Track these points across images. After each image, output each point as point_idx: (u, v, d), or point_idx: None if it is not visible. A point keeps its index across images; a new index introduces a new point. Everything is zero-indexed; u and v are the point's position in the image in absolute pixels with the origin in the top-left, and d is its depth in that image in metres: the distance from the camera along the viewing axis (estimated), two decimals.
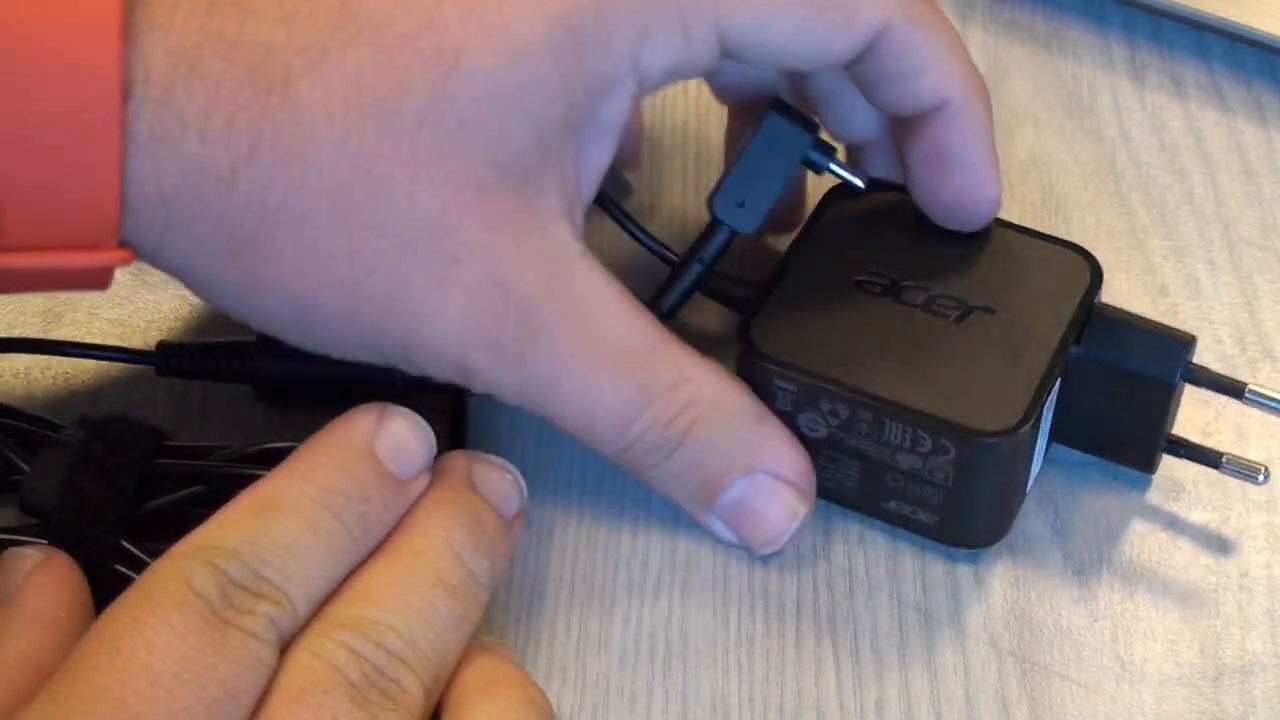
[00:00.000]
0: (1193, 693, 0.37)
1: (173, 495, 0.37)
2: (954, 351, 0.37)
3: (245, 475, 0.36)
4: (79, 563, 0.34)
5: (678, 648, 0.38)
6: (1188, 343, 0.37)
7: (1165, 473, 0.40)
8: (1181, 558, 0.39)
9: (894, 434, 0.36)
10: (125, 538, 0.36)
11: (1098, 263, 0.38)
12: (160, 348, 0.40)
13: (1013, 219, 0.44)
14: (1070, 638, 0.38)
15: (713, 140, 0.47)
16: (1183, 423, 0.41)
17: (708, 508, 0.37)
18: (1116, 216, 0.44)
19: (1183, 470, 0.40)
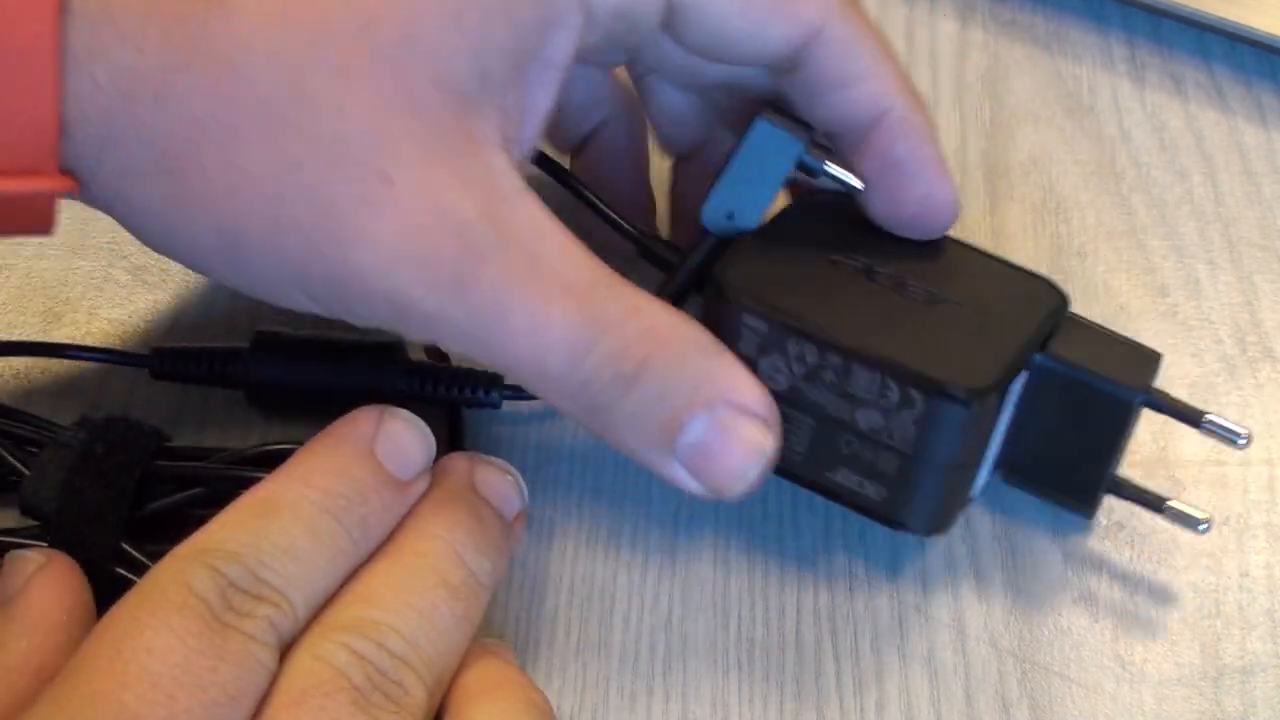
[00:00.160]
0: (1193, 693, 0.37)
1: (173, 497, 0.37)
2: (926, 324, 0.36)
3: (245, 477, 0.36)
4: (79, 564, 0.34)
5: (678, 648, 0.38)
6: (1154, 361, 0.37)
7: (1165, 473, 0.40)
8: (1181, 558, 0.39)
9: (861, 383, 0.35)
10: (125, 540, 0.36)
11: (1065, 293, 0.37)
12: (155, 352, 0.40)
13: (1013, 219, 0.44)
14: (1070, 638, 0.38)
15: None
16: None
17: (668, 451, 0.34)
18: (1116, 216, 0.44)
19: (1183, 471, 0.40)
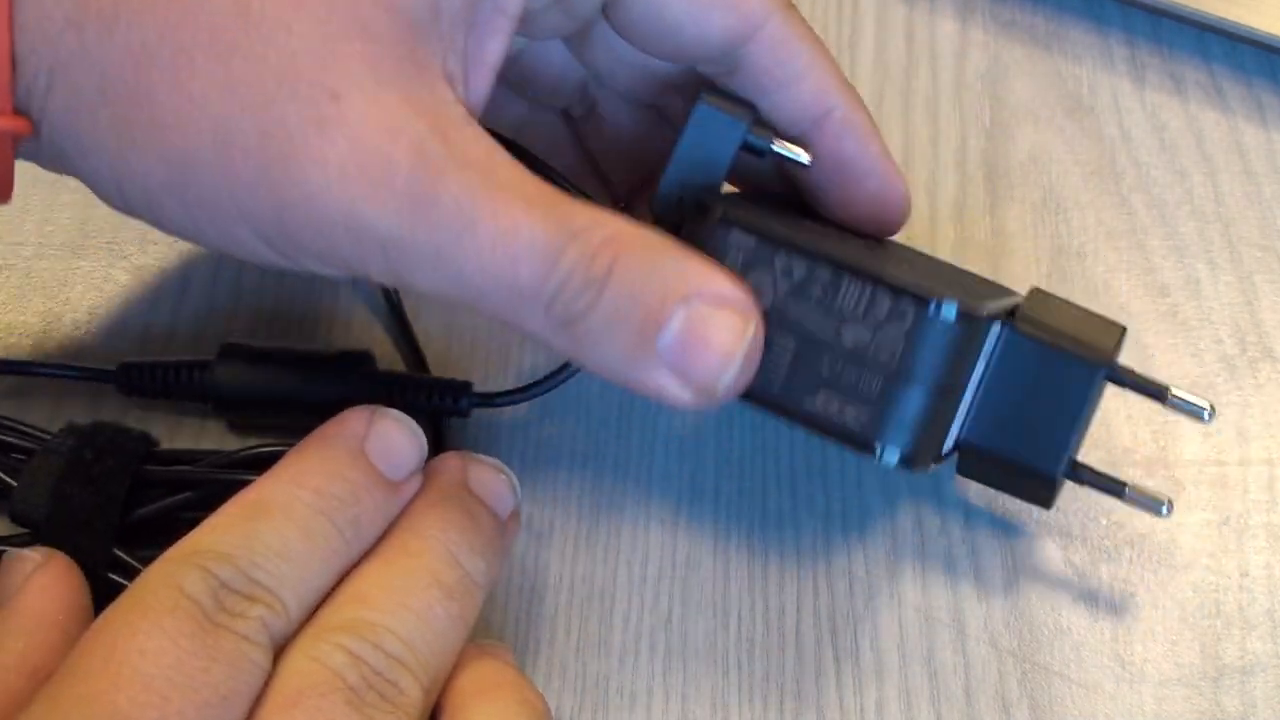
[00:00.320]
0: (1193, 693, 0.37)
1: (163, 502, 0.37)
2: (913, 266, 0.36)
3: (235, 480, 0.36)
4: None
5: (678, 648, 0.38)
6: (1119, 334, 0.36)
7: (1165, 473, 0.40)
8: (1181, 558, 0.39)
9: (850, 296, 0.34)
10: (116, 545, 0.36)
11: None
12: (121, 367, 0.40)
13: (1012, 219, 0.44)
14: (1070, 638, 0.38)
15: None
16: (1183, 422, 0.41)
17: (650, 355, 0.33)
18: (1116, 216, 0.44)
19: (1182, 471, 0.40)
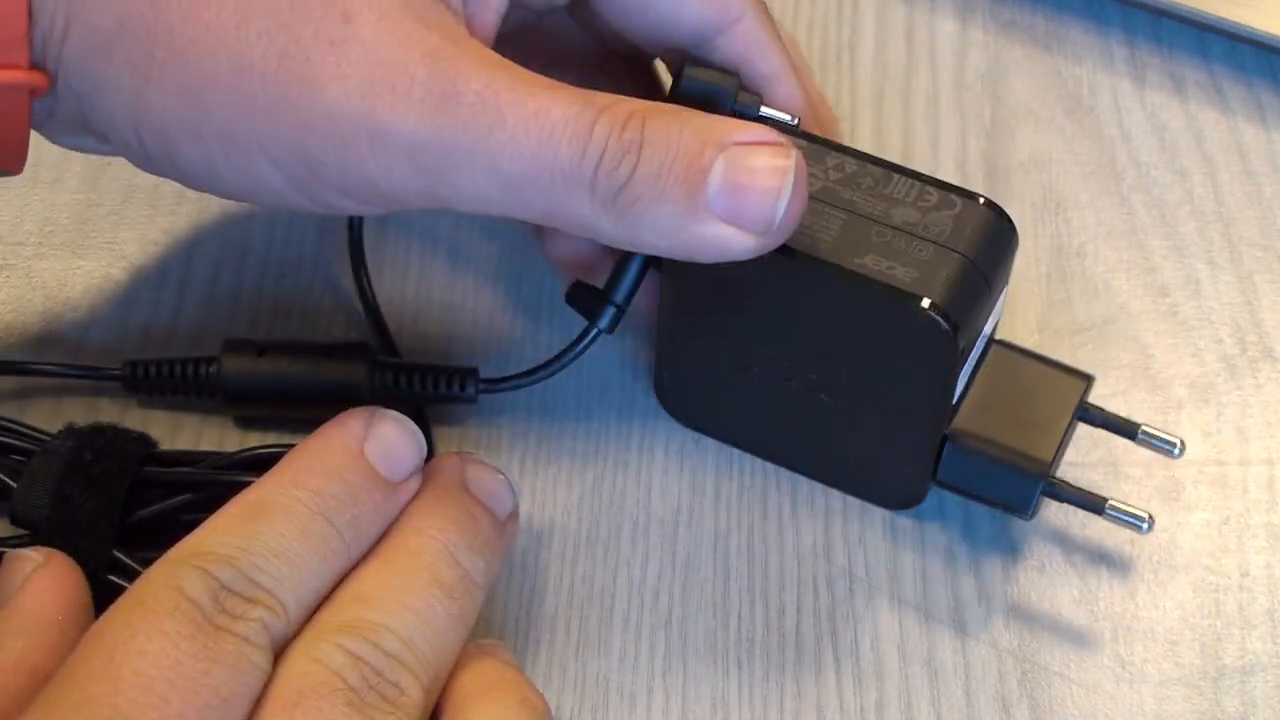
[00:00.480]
0: (1193, 693, 0.37)
1: (163, 503, 0.37)
2: None
3: (235, 482, 0.36)
4: None
5: (678, 648, 0.38)
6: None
7: (1165, 473, 0.40)
8: (1181, 558, 0.39)
9: (900, 188, 0.35)
10: (116, 546, 0.36)
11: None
12: (127, 365, 0.40)
13: (1013, 218, 0.44)
14: (1070, 638, 0.38)
15: None
16: (1183, 423, 0.41)
17: (701, 208, 0.33)
18: (1116, 216, 0.44)
19: (1182, 471, 0.40)
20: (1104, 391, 0.41)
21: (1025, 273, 0.43)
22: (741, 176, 0.33)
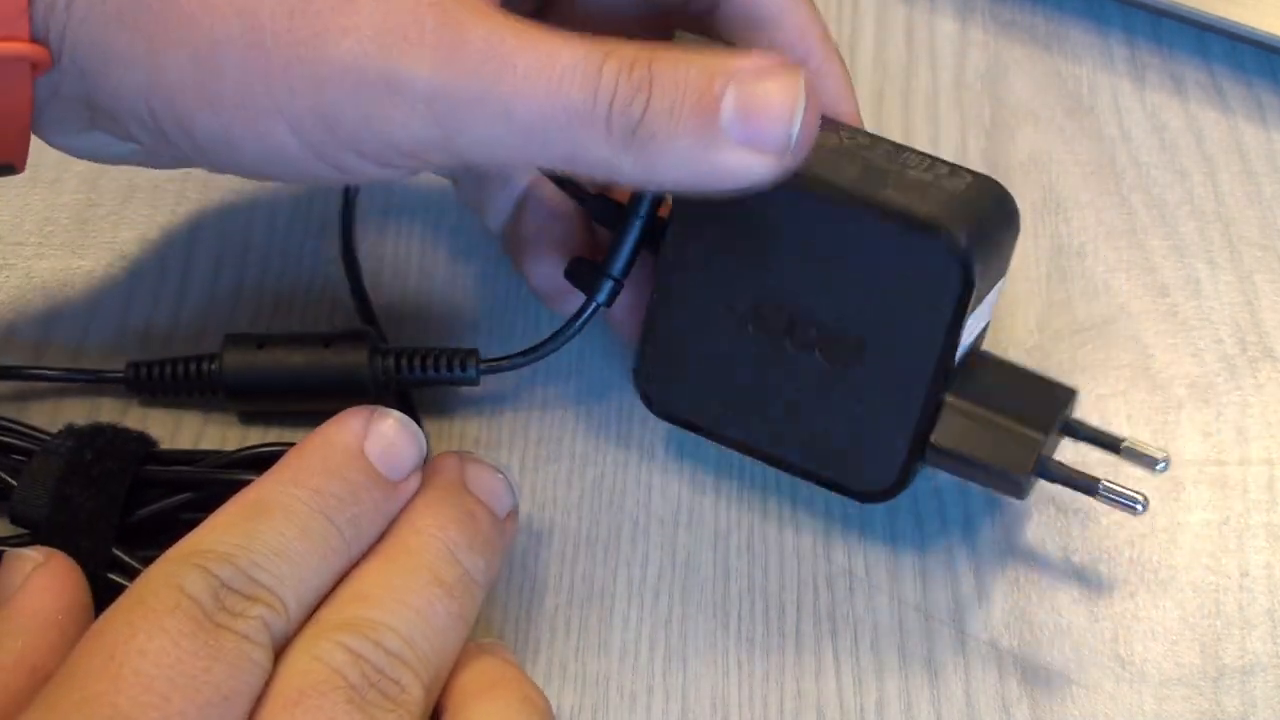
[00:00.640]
0: (1193, 693, 0.37)
1: (163, 502, 0.37)
2: None
3: (235, 480, 0.36)
4: None
5: (678, 648, 0.38)
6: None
7: (1166, 474, 0.40)
8: (1181, 558, 0.39)
9: (912, 159, 0.36)
10: (116, 545, 0.36)
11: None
12: (130, 367, 0.40)
13: None
14: (1070, 638, 0.38)
15: None
16: (1183, 422, 0.41)
17: (717, 136, 0.33)
18: (1116, 216, 0.44)
19: (1182, 471, 0.40)
20: (1104, 391, 0.41)
21: (1025, 273, 0.43)
22: (754, 100, 0.33)
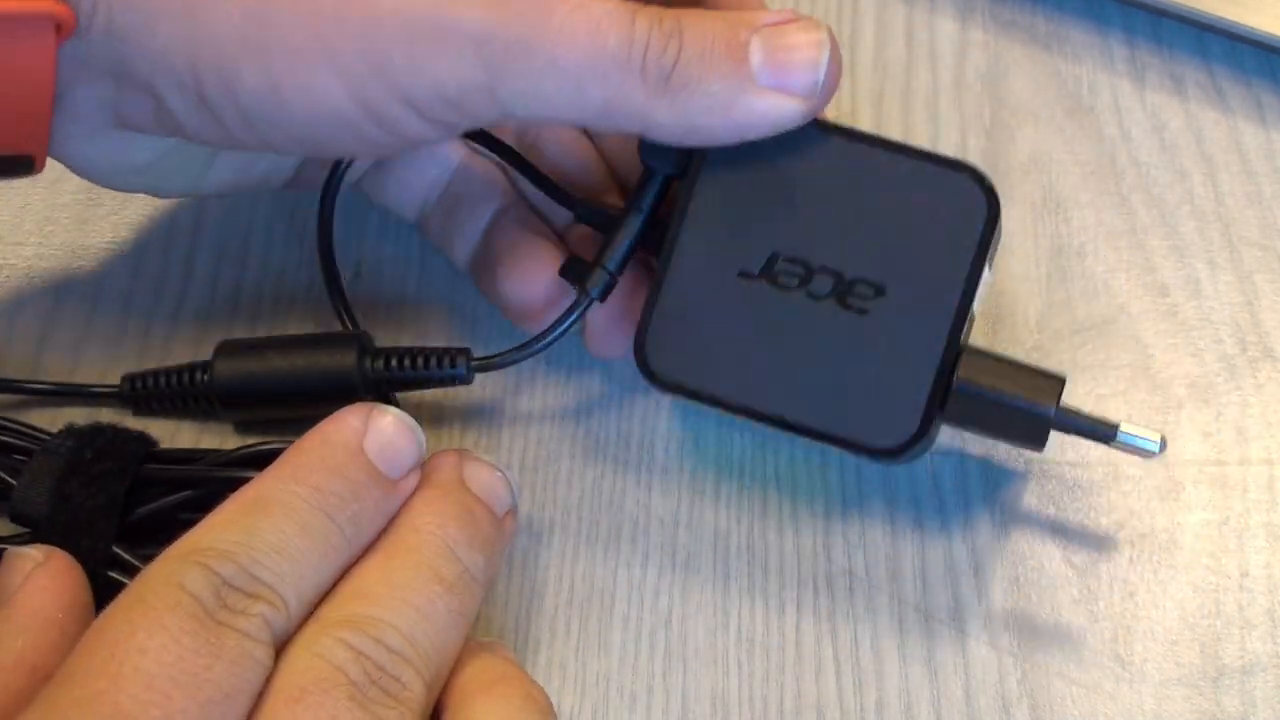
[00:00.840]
0: (1193, 693, 0.37)
1: (163, 501, 0.37)
2: None
3: (234, 478, 0.36)
4: None
5: (678, 648, 0.38)
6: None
7: (1165, 473, 0.40)
8: (1181, 558, 0.39)
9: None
10: (116, 544, 0.36)
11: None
12: (125, 379, 0.40)
13: (1012, 218, 0.44)
14: (1070, 638, 0.38)
15: None
16: (1183, 423, 0.41)
17: (749, 80, 0.35)
18: (1116, 216, 0.44)
19: (1182, 471, 0.40)
20: (1104, 391, 0.41)
21: (1025, 273, 0.43)
22: (781, 46, 0.35)
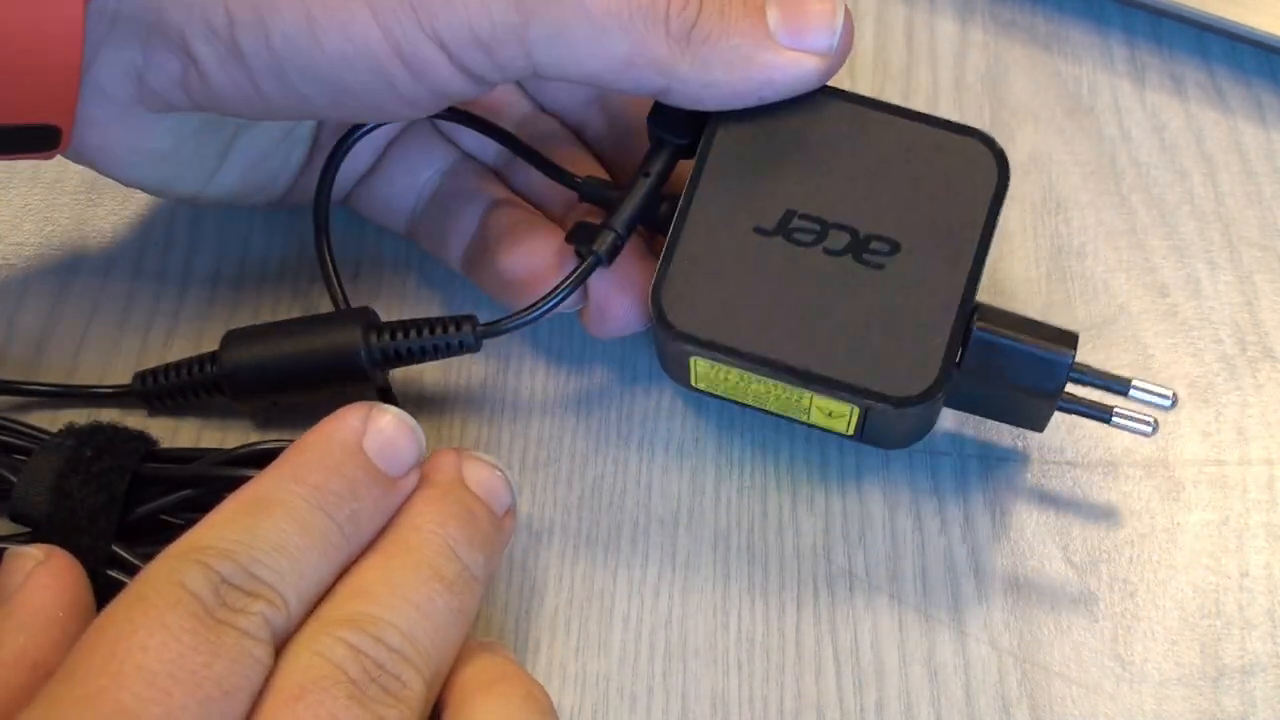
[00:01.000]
0: (1193, 693, 0.37)
1: (163, 499, 0.37)
2: None
3: (234, 477, 0.36)
4: None
5: (678, 648, 0.38)
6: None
7: (1165, 473, 0.40)
8: (1181, 558, 0.39)
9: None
10: (116, 542, 0.36)
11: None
12: (136, 377, 0.41)
13: (1012, 218, 0.44)
14: (1070, 638, 0.38)
15: None
16: (1183, 423, 0.41)
17: (767, 38, 0.37)
18: (1116, 216, 0.44)
19: (1182, 471, 0.40)
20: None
21: (1025, 273, 0.43)
22: (796, 7, 0.37)
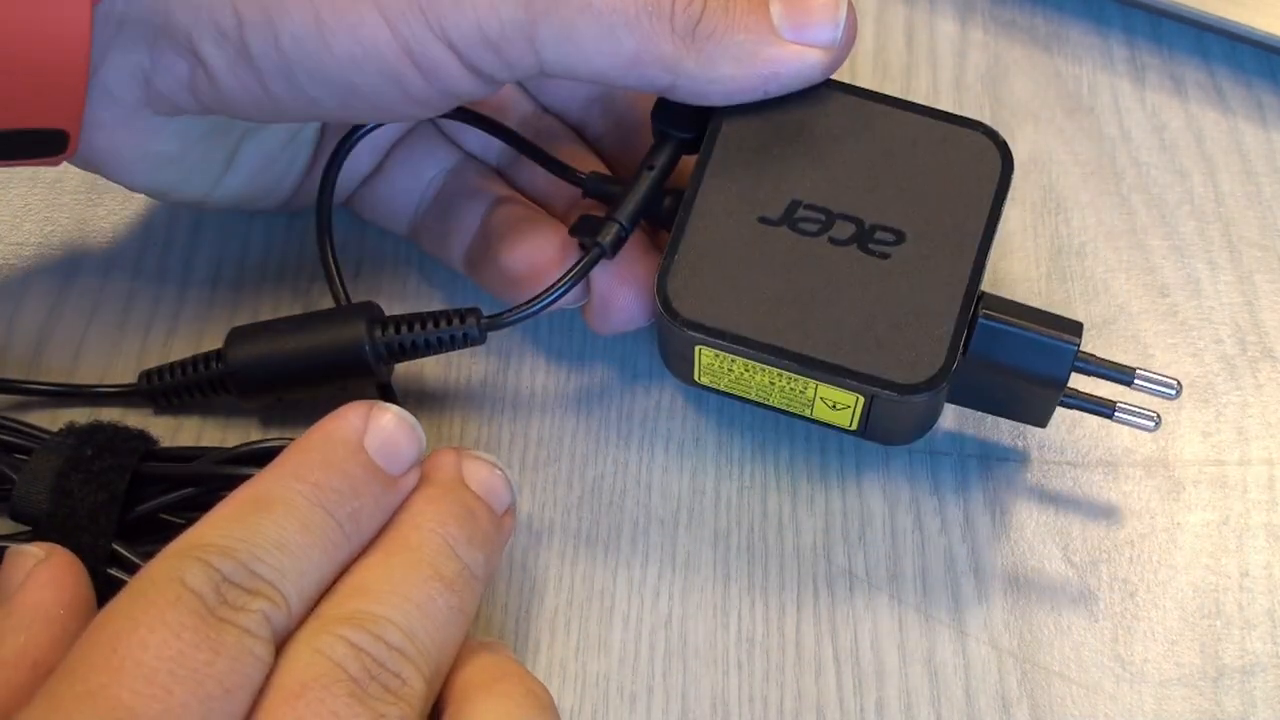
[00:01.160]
0: (1193, 693, 0.37)
1: (163, 498, 0.37)
2: None
3: (235, 476, 0.36)
4: None
5: (678, 648, 0.38)
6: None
7: (1165, 473, 0.40)
8: (1181, 558, 0.39)
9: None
10: (117, 541, 0.36)
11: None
12: (142, 376, 0.40)
13: (1012, 218, 0.44)
14: (1070, 638, 0.38)
15: None
16: (1183, 423, 0.41)
17: (771, 33, 0.37)
18: (1116, 216, 0.44)
19: (1182, 471, 0.40)
20: (1103, 391, 0.41)
21: (1025, 273, 0.43)
22: (800, 2, 0.37)
